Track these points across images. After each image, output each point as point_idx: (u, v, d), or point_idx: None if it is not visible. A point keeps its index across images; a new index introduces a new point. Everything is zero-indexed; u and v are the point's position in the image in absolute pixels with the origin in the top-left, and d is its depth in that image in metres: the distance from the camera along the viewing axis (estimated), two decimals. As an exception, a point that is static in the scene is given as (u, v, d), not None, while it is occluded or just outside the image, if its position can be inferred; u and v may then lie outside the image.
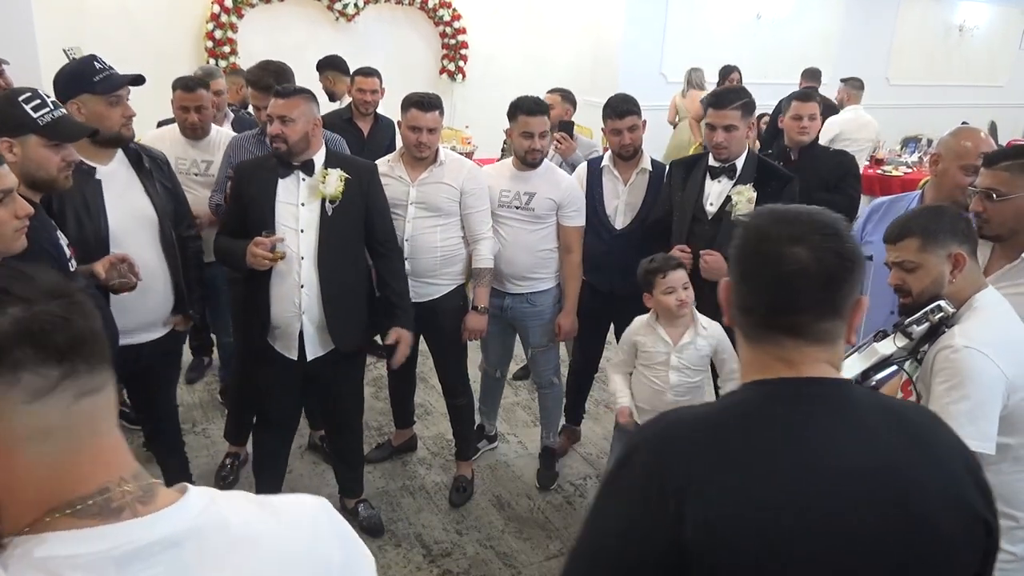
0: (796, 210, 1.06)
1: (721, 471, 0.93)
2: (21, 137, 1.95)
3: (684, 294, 2.58)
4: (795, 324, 1.01)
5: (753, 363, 1.07)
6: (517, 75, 7.43)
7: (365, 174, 2.67)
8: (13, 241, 1.68)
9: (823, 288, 0.99)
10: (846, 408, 1.00)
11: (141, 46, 6.37)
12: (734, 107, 2.77)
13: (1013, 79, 10.77)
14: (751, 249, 1.04)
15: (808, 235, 1.00)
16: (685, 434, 1.00)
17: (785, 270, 0.99)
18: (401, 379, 3.48)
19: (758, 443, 0.96)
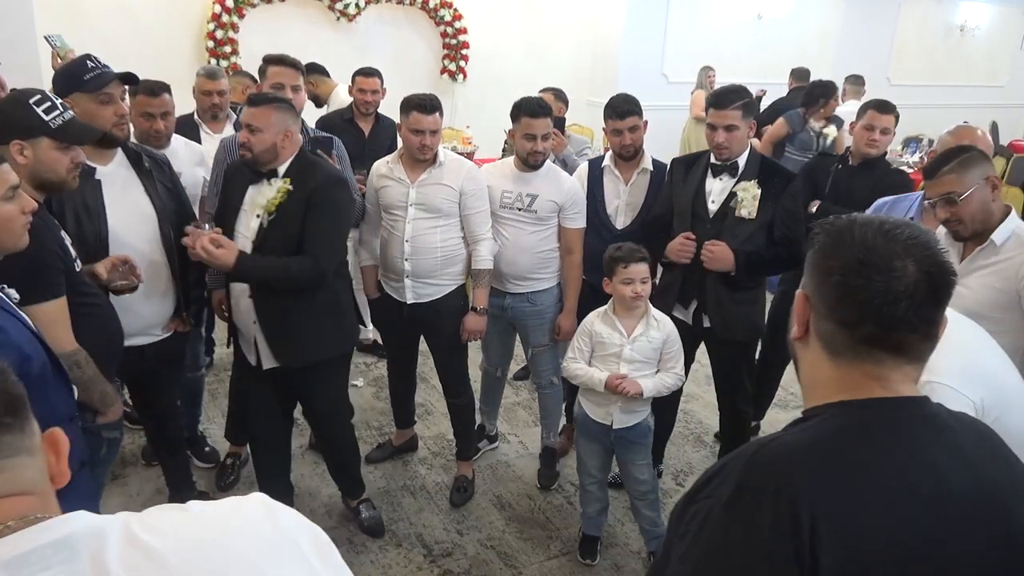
0: (893, 221, 1.00)
1: (851, 500, 0.90)
2: (32, 139, 1.95)
3: (640, 287, 2.61)
4: (903, 343, 0.97)
5: (839, 381, 1.01)
6: (518, 75, 7.43)
7: (318, 187, 2.46)
8: (21, 236, 1.70)
9: (933, 305, 0.97)
10: (945, 431, 0.98)
11: (142, 46, 6.38)
12: (735, 107, 2.78)
13: (1014, 79, 10.78)
14: (855, 259, 0.97)
15: (913, 249, 0.96)
16: (802, 462, 0.95)
17: (898, 287, 0.94)
18: (401, 379, 3.48)
19: (882, 469, 0.93)
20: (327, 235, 2.50)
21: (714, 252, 2.77)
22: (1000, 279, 2.09)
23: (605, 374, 2.65)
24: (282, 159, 2.50)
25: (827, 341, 1.02)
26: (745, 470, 0.97)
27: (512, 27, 8.00)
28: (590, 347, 2.73)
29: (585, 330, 2.75)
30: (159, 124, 3.00)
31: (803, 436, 0.99)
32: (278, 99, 2.54)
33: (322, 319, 2.60)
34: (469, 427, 3.39)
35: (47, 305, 1.89)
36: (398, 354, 3.41)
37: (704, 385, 4.14)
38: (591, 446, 2.83)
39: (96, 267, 2.23)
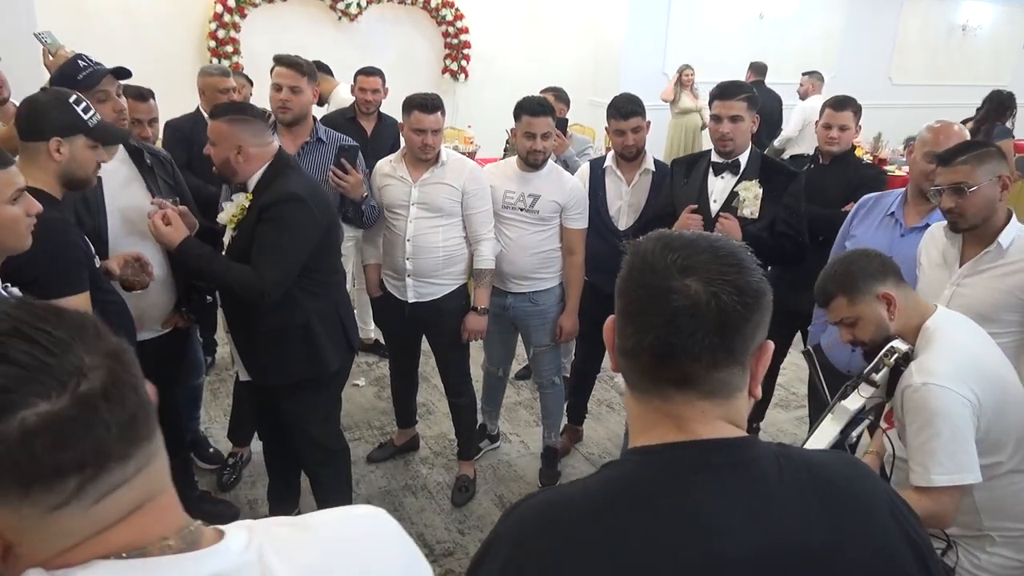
0: (692, 236, 0.87)
1: (582, 557, 0.79)
2: (70, 137, 1.99)
3: None
4: (685, 374, 0.84)
5: (639, 420, 0.89)
6: (519, 75, 7.43)
7: (268, 203, 2.29)
8: (25, 239, 1.71)
9: (718, 330, 0.81)
10: (749, 476, 0.83)
11: (143, 46, 6.39)
12: (740, 98, 2.77)
13: (1016, 79, 10.73)
14: (635, 280, 0.86)
15: (703, 265, 0.82)
16: (549, 521, 0.84)
17: (673, 307, 0.81)
18: (403, 378, 3.48)
19: (636, 531, 0.80)
20: (269, 251, 2.29)
21: (725, 226, 2.76)
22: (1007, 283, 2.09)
23: None
24: (244, 174, 2.35)
25: (624, 373, 0.90)
26: (499, 524, 0.89)
27: (514, 27, 8.00)
28: None
29: None
30: (147, 130, 2.91)
31: (571, 491, 0.89)
32: (234, 110, 2.39)
33: (277, 344, 2.44)
34: (471, 427, 3.38)
35: (71, 299, 1.91)
36: (400, 353, 3.41)
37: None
38: None
39: (109, 263, 2.26)
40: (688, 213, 2.85)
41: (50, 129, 1.96)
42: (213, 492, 3.20)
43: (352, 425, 3.81)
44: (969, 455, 1.61)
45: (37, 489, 0.61)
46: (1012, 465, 1.70)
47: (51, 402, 0.60)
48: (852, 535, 0.83)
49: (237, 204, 2.38)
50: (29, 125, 1.98)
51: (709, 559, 0.78)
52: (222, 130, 2.32)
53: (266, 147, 2.38)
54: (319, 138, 3.18)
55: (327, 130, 3.25)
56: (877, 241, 2.54)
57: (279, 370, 2.48)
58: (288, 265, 2.33)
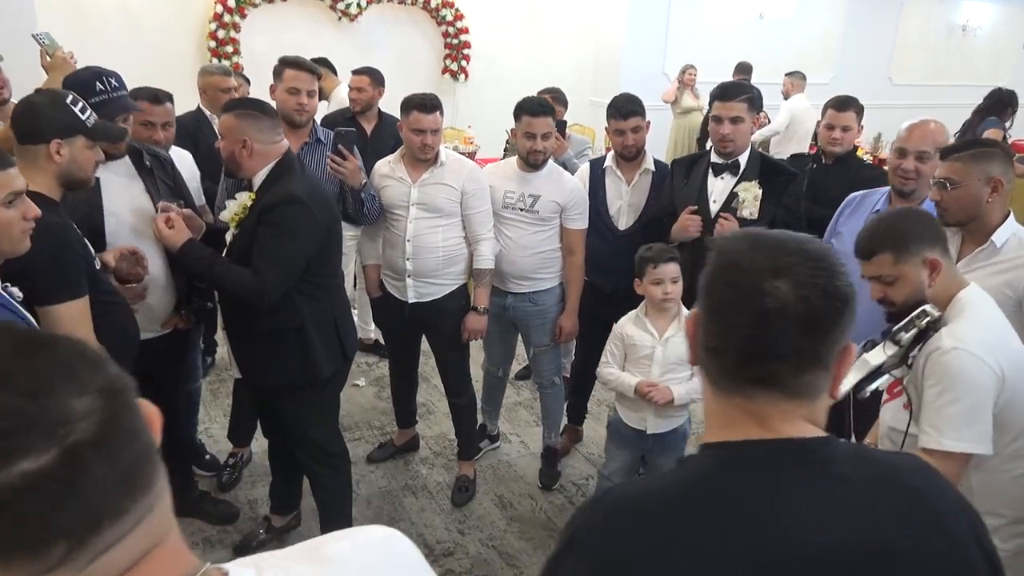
0: (780, 236, 0.88)
1: (672, 559, 0.80)
2: (70, 139, 1.98)
3: (671, 287, 2.60)
4: (772, 374, 0.85)
5: (718, 416, 0.91)
6: (520, 75, 7.43)
7: (269, 204, 2.29)
8: (20, 242, 1.70)
9: (807, 332, 0.82)
10: (828, 475, 0.84)
11: (143, 46, 6.39)
12: (740, 99, 2.78)
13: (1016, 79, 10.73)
14: (723, 280, 0.87)
15: (793, 267, 0.83)
16: (630, 515, 0.85)
17: (762, 309, 0.82)
18: (403, 379, 3.48)
19: (717, 523, 0.81)
20: (269, 253, 2.28)
21: (725, 226, 2.77)
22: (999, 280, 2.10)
23: (636, 379, 2.62)
24: (248, 169, 2.36)
25: (706, 369, 0.91)
26: (581, 517, 0.89)
27: (514, 27, 8.00)
28: (622, 351, 2.71)
29: (617, 334, 2.73)
30: (159, 134, 2.84)
31: (653, 484, 0.90)
32: (244, 106, 2.40)
33: (271, 346, 2.43)
34: (471, 427, 3.38)
35: (71, 305, 1.90)
36: (400, 353, 3.42)
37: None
38: (620, 452, 2.79)
39: (104, 255, 2.25)
40: (687, 214, 2.85)
41: (49, 131, 1.95)
42: (213, 492, 3.20)
43: (352, 425, 3.81)
44: (985, 425, 1.62)
45: (18, 560, 0.53)
46: (1012, 450, 1.70)
47: (32, 459, 0.51)
48: (927, 539, 0.83)
49: (239, 203, 2.38)
50: (27, 127, 1.97)
51: (789, 555, 0.79)
52: (230, 124, 2.35)
53: (273, 146, 2.38)
54: (318, 138, 3.21)
55: (325, 131, 3.29)
56: None
57: (271, 372, 2.48)
58: (288, 268, 2.33)
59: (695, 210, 2.85)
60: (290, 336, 2.43)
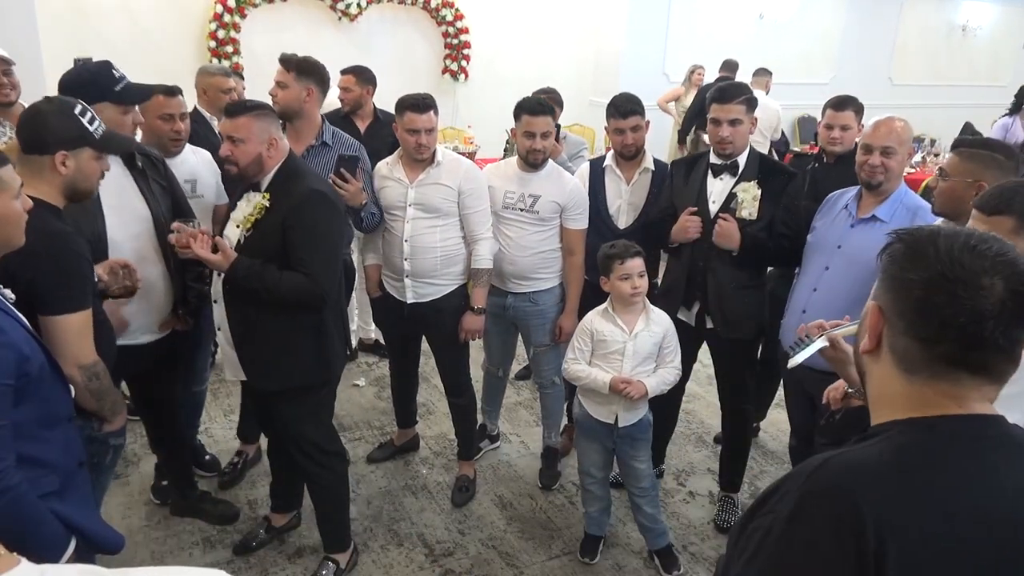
0: (980, 235, 0.95)
1: (918, 520, 0.88)
2: (77, 150, 1.95)
3: (639, 282, 2.62)
4: (987, 362, 0.93)
5: (910, 398, 0.97)
6: (520, 75, 7.43)
7: (293, 203, 2.32)
8: (22, 236, 1.69)
9: (1020, 326, 0.91)
10: (1016, 450, 0.94)
11: (143, 46, 6.39)
12: (738, 101, 2.78)
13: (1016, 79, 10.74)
14: (938, 274, 0.92)
15: (1002, 267, 0.91)
16: (867, 478, 0.92)
17: (984, 305, 0.90)
18: (403, 378, 3.49)
19: (951, 490, 0.91)
20: (313, 251, 2.32)
21: (723, 226, 2.78)
22: None
23: (609, 375, 2.64)
24: (268, 170, 2.38)
25: (902, 356, 0.97)
26: (807, 484, 0.94)
27: (514, 27, 8.00)
28: (590, 346, 2.72)
29: (585, 329, 2.75)
30: (179, 125, 2.85)
31: (869, 452, 0.95)
32: (258, 106, 2.41)
33: (282, 347, 2.43)
34: (471, 427, 3.39)
35: (75, 316, 1.87)
36: (399, 353, 3.42)
37: (706, 385, 4.14)
38: (592, 445, 2.83)
39: (96, 269, 2.21)
40: (687, 215, 2.85)
41: (55, 142, 1.91)
42: (213, 492, 3.20)
43: (352, 425, 3.81)
44: None
45: None
46: None
47: None
48: None
49: (254, 204, 2.36)
50: (33, 138, 1.92)
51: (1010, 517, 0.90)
52: (251, 126, 2.31)
53: (283, 143, 2.42)
54: (324, 141, 3.18)
55: (335, 132, 3.24)
56: (831, 233, 2.62)
57: (285, 374, 2.45)
58: (335, 263, 2.42)
59: (695, 211, 2.85)
60: (308, 335, 2.44)
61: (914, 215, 2.47)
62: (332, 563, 2.75)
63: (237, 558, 2.84)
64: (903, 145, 2.49)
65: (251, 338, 2.45)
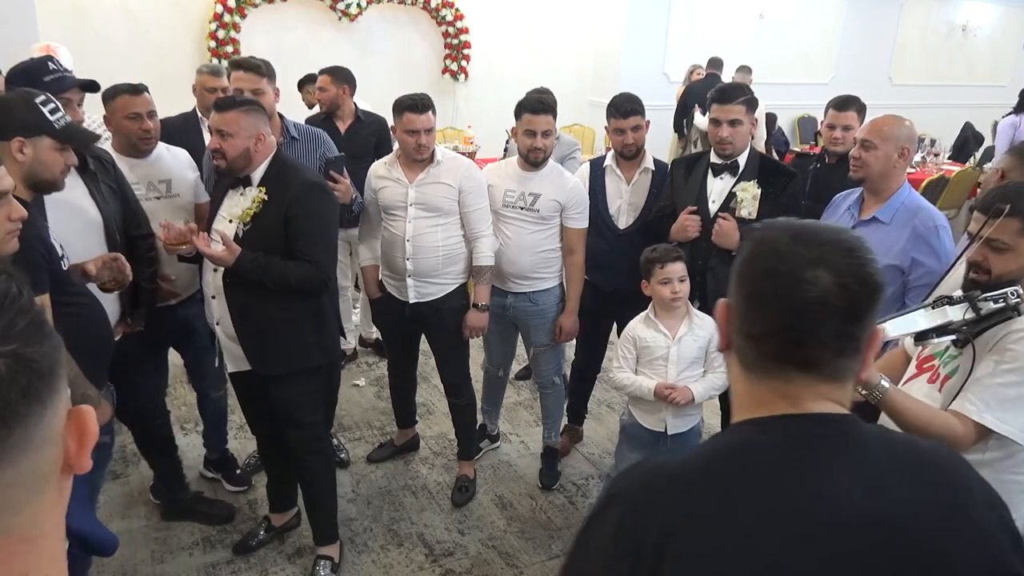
0: (816, 227, 0.93)
1: (704, 529, 0.83)
2: (34, 138, 1.96)
3: (679, 286, 2.60)
4: (812, 359, 0.89)
5: (749, 397, 0.94)
6: (520, 74, 7.44)
7: (294, 194, 2.38)
8: (4, 244, 1.68)
9: (847, 319, 0.87)
10: (855, 451, 0.88)
11: (143, 46, 6.40)
12: (738, 102, 2.78)
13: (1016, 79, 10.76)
14: (763, 269, 0.90)
15: (830, 256, 0.87)
16: (664, 484, 0.89)
17: (805, 297, 0.86)
18: (403, 378, 3.48)
19: (749, 492, 0.85)
20: (316, 240, 2.43)
21: (723, 226, 2.78)
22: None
23: (654, 382, 2.60)
24: (256, 164, 2.42)
25: (740, 354, 0.94)
26: (614, 485, 0.94)
27: (514, 27, 8.01)
28: (635, 354, 2.69)
29: (628, 337, 2.71)
30: (147, 123, 2.76)
31: (689, 456, 0.93)
32: (247, 101, 2.46)
33: (287, 331, 2.50)
34: (471, 427, 3.38)
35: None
36: (400, 353, 3.41)
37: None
38: (636, 455, 2.73)
39: (86, 265, 2.22)
40: (687, 214, 2.85)
41: (12, 128, 1.92)
42: (213, 492, 3.19)
43: (352, 425, 3.81)
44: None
45: None
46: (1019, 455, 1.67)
47: None
48: (952, 515, 0.87)
49: (252, 198, 2.39)
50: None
51: (823, 519, 0.83)
52: (240, 120, 2.36)
53: (271, 139, 2.46)
54: (292, 136, 3.20)
55: (297, 125, 3.28)
56: None
57: (289, 357, 2.52)
58: (335, 250, 2.58)
59: (694, 210, 2.85)
60: (308, 319, 2.53)
61: (914, 216, 2.46)
62: (326, 560, 2.78)
63: (237, 558, 2.84)
64: (886, 141, 2.44)
65: (253, 326, 2.49)
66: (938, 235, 2.42)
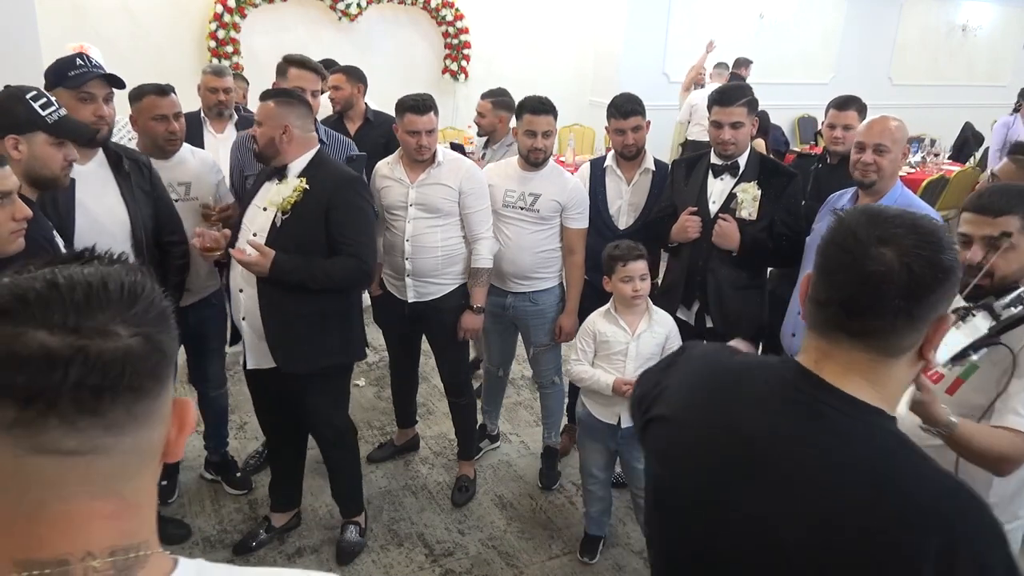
0: (892, 211, 0.99)
1: (666, 399, 1.15)
2: (28, 135, 1.95)
3: (640, 284, 2.63)
4: (867, 329, 0.96)
5: (803, 348, 1.05)
6: (520, 75, 7.43)
7: (334, 186, 2.47)
8: (9, 243, 1.68)
9: (906, 296, 0.92)
10: (804, 407, 0.99)
11: (144, 46, 6.39)
12: (740, 104, 2.78)
13: (1016, 79, 10.76)
14: (837, 244, 0.99)
15: (900, 238, 0.93)
16: (681, 364, 1.21)
17: (867, 271, 0.93)
18: (403, 378, 3.48)
19: (704, 392, 1.12)
20: (361, 233, 2.52)
21: (723, 227, 2.78)
22: None
23: (612, 377, 2.64)
24: (287, 155, 2.48)
25: (810, 317, 1.04)
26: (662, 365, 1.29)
27: (514, 27, 8.00)
28: (593, 347, 2.72)
29: (587, 331, 2.75)
30: (173, 125, 2.78)
31: (721, 354, 1.22)
32: (283, 93, 2.53)
33: (316, 329, 2.54)
34: (471, 427, 3.39)
35: None
36: (400, 353, 3.42)
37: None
38: (595, 446, 2.82)
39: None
40: (687, 215, 2.86)
41: (4, 126, 1.92)
42: (216, 495, 3.20)
43: (352, 425, 3.81)
44: None
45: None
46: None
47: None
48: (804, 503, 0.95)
49: (293, 187, 2.44)
50: None
51: (735, 427, 1.03)
52: (269, 110, 2.44)
53: (309, 133, 2.53)
54: (320, 139, 3.19)
55: (328, 131, 3.28)
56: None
57: (316, 354, 2.55)
58: (374, 242, 2.65)
59: (695, 211, 2.86)
60: (335, 319, 2.59)
61: None
62: (354, 525, 2.94)
63: (237, 558, 2.84)
64: (897, 144, 2.48)
65: (282, 323, 2.52)
66: None
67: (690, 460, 1.08)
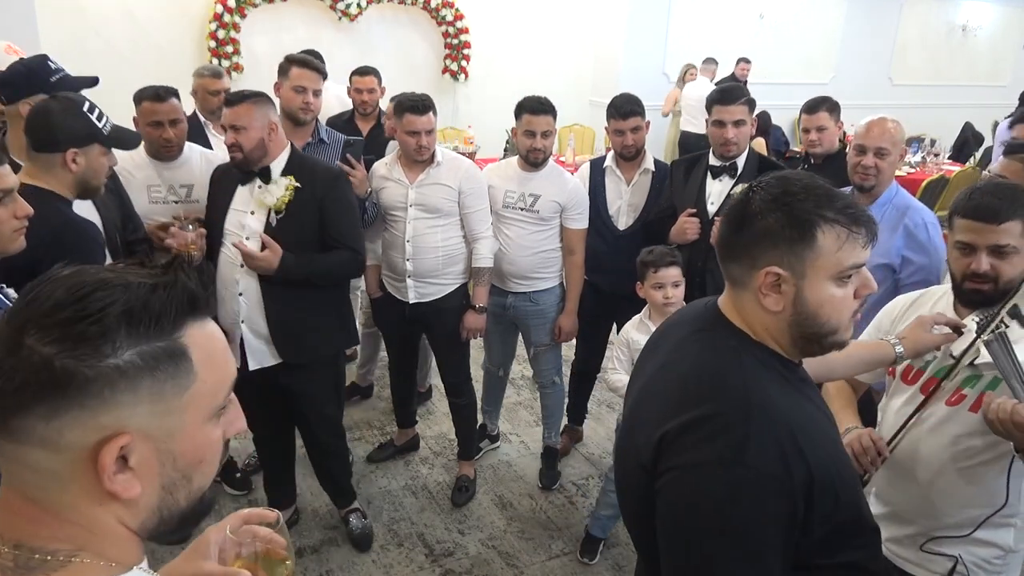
0: (803, 174, 1.16)
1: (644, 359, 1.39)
2: (87, 147, 1.96)
3: (672, 291, 2.59)
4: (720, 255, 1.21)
5: None
6: (520, 74, 7.45)
7: (323, 181, 2.51)
8: (10, 241, 1.66)
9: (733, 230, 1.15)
10: (686, 334, 1.25)
11: (143, 46, 6.40)
12: (741, 102, 2.79)
13: (1016, 79, 10.77)
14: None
15: (769, 184, 1.13)
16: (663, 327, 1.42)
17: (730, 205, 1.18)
18: (403, 378, 3.49)
19: (664, 336, 1.35)
20: (353, 226, 2.60)
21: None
22: None
23: None
24: (273, 155, 2.48)
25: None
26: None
27: (514, 27, 8.01)
28: (628, 356, 2.69)
29: (623, 340, 2.72)
30: (168, 132, 2.73)
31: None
32: (255, 94, 2.48)
33: (318, 319, 2.62)
34: (471, 427, 3.39)
35: None
36: (400, 354, 3.42)
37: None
38: None
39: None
40: (685, 217, 2.85)
41: (66, 140, 1.92)
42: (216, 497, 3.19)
43: (352, 425, 3.81)
44: None
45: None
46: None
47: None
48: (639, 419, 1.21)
49: (284, 186, 2.45)
50: (42, 136, 1.93)
51: (654, 362, 1.29)
52: (252, 112, 2.42)
53: (282, 130, 2.54)
54: (321, 139, 3.20)
55: (329, 130, 3.28)
56: None
57: (317, 342, 2.64)
58: (362, 232, 2.72)
59: (693, 212, 2.86)
60: (333, 308, 2.69)
61: (904, 214, 2.47)
62: (356, 512, 3.02)
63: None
64: (896, 146, 2.49)
65: (286, 317, 2.57)
66: (928, 232, 2.43)
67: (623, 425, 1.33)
